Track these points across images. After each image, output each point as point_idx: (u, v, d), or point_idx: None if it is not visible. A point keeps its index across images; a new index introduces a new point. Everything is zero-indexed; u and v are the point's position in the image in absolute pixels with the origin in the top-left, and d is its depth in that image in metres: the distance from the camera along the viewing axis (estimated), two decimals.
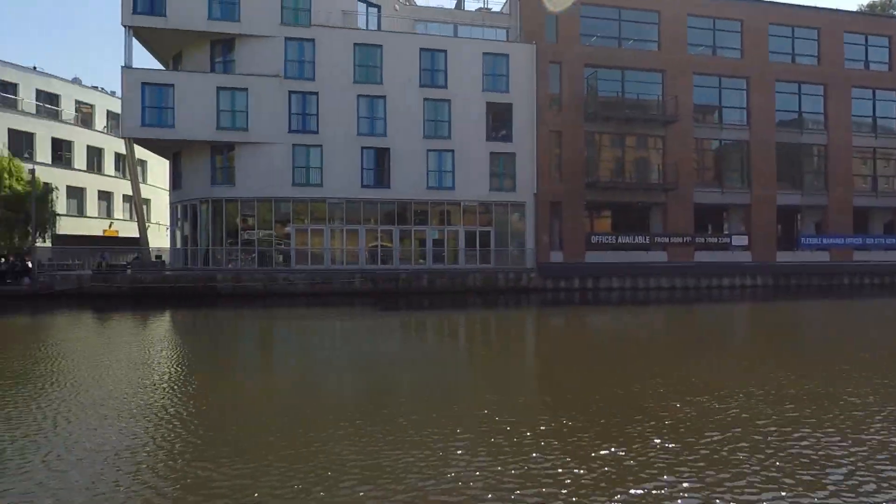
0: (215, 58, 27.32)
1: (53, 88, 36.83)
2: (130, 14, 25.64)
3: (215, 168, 27.44)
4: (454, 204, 29.08)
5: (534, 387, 9.51)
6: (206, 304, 22.85)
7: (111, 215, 40.28)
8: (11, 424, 6.93)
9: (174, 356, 12.95)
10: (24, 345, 14.32)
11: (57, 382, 9.53)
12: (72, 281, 25.40)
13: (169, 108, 26.09)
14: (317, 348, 14.30)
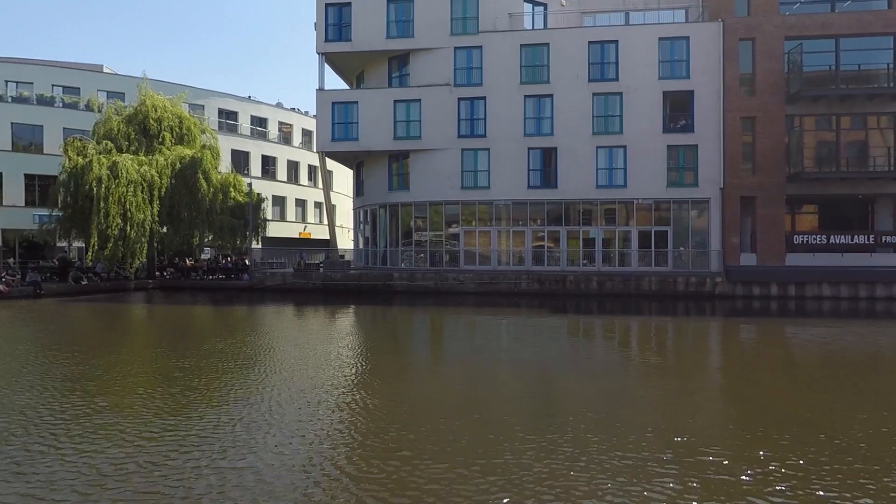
0: (392, 73, 29.44)
1: (262, 113, 43.13)
2: (323, 42, 28.87)
3: (392, 175, 29.57)
4: (626, 202, 27.46)
5: (730, 410, 8.39)
6: (384, 300, 24.71)
7: (305, 220, 45.85)
8: (238, 406, 8.12)
9: (363, 348, 14.13)
10: (246, 333, 16.89)
11: (271, 369, 11.01)
12: (278, 277, 29.42)
13: (354, 123, 28.79)
14: (490, 347, 14.50)
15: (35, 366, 11.20)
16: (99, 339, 16.04)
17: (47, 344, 14.63)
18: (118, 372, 10.65)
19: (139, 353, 13.36)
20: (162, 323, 19.95)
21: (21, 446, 6.24)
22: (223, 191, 30.34)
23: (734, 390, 9.72)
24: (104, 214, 25.53)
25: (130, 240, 26.53)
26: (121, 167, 26.00)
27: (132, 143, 28.67)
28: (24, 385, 9.42)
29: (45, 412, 7.67)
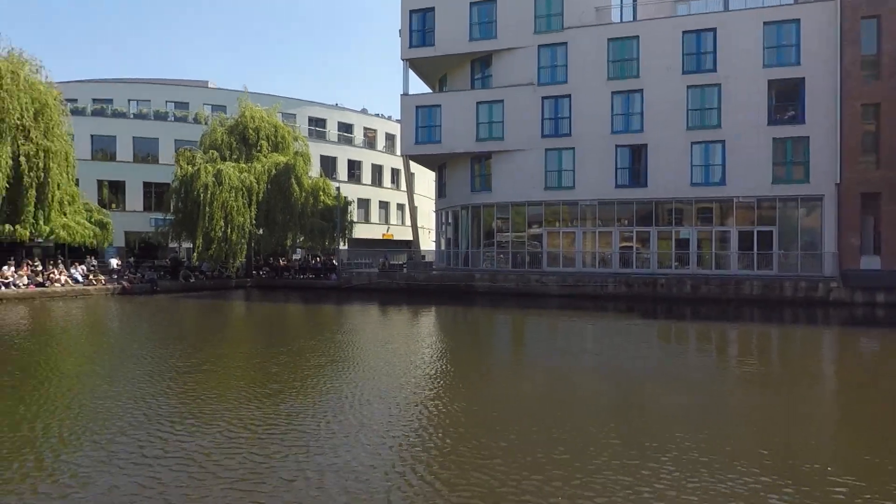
0: (475, 75, 29.48)
1: (348, 119, 44.82)
2: (407, 49, 29.49)
3: (474, 176, 29.60)
4: (724, 201, 25.67)
5: (858, 433, 7.48)
6: (466, 301, 24.76)
7: (388, 221, 47.06)
8: (330, 404, 8.40)
9: (446, 349, 14.20)
10: (335, 331, 17.57)
11: (359, 368, 11.31)
12: (364, 277, 30.38)
13: (437, 126, 29.14)
14: (575, 351, 14.06)
15: (153, 358, 12.24)
16: (205, 333, 17.36)
17: (163, 337, 16.03)
18: (223, 366, 11.41)
19: (240, 349, 14.25)
20: (259, 320, 21.23)
21: (145, 432, 6.80)
22: (314, 195, 31.82)
23: (858, 410, 8.70)
24: (209, 218, 27.62)
25: (232, 241, 28.50)
26: (224, 174, 28.02)
27: (233, 151, 30.81)
28: (144, 374, 10.35)
29: (163, 401, 8.33)
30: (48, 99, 26.86)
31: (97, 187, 35.21)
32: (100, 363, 12.09)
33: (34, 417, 7.56)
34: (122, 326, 19.21)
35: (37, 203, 26.08)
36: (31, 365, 11.89)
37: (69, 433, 6.86)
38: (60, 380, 10.35)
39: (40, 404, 8.29)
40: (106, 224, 30.13)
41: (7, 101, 24.54)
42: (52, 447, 6.38)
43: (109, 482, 5.33)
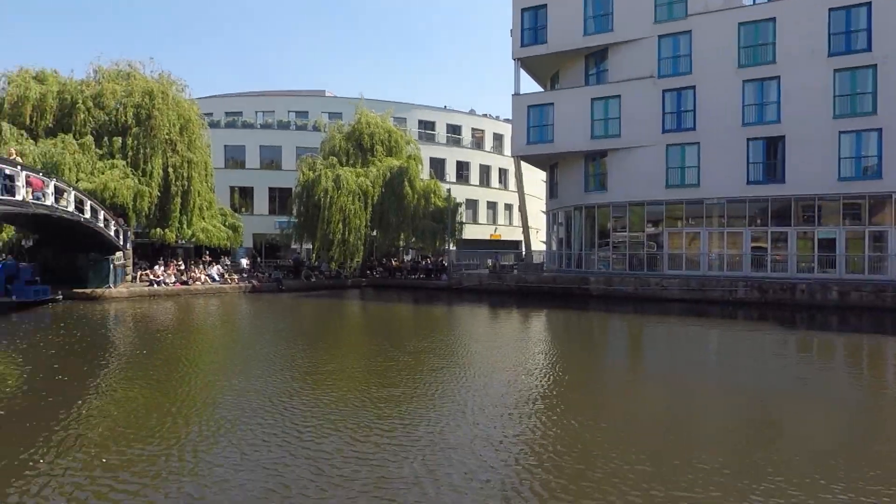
0: (589, 71, 28.50)
1: (456, 121, 45.32)
2: (519, 48, 29.16)
3: (588, 176, 28.63)
4: (881, 197, 22.72)
5: None
6: (579, 305, 23.98)
7: (495, 221, 46.98)
8: (444, 408, 8.43)
9: (559, 355, 13.80)
10: (446, 332, 17.78)
11: (471, 372, 11.28)
12: (474, 279, 30.52)
13: (549, 125, 28.54)
14: (702, 362, 13.09)
15: (282, 357, 13.11)
16: (327, 333, 18.40)
17: (290, 336, 17.16)
18: (344, 367, 11.92)
19: (359, 349, 14.87)
20: (375, 319, 22.03)
21: (274, 434, 7.15)
22: (425, 197, 32.51)
23: None
24: (328, 221, 29.16)
25: (349, 243, 29.91)
26: (342, 179, 29.44)
27: (350, 157, 32.29)
28: (274, 373, 11.09)
29: (290, 403, 8.76)
30: (191, 115, 29.78)
31: (229, 193, 38.47)
32: (235, 360, 13.03)
33: (177, 413, 8.29)
34: (253, 324, 20.78)
35: (181, 209, 29.00)
36: (177, 359, 13.16)
37: (208, 430, 7.38)
38: (200, 376, 11.30)
39: (182, 400, 9.12)
40: (237, 227, 32.87)
41: (159, 118, 27.55)
42: (192, 444, 6.86)
43: (243, 482, 5.63)
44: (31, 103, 25.84)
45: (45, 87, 26.67)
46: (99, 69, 28.72)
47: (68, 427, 7.53)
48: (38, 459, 6.30)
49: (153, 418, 7.88)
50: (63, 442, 6.90)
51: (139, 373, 11.20)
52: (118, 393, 9.64)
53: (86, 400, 9.20)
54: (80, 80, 28.21)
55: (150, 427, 7.43)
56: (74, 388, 9.94)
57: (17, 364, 12.36)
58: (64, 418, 7.92)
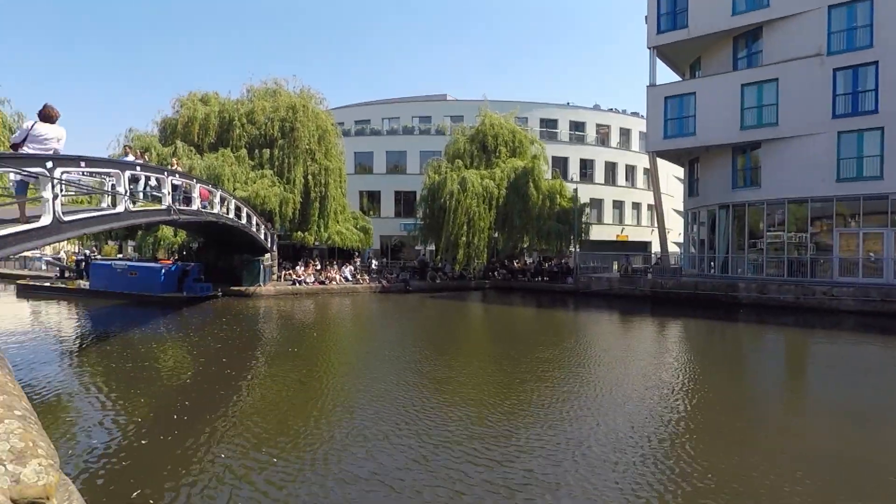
0: (738, 54, 25.71)
1: (580, 117, 43.60)
2: (655, 35, 27.14)
3: (736, 170, 25.86)
4: None
5: None
6: (725, 314, 21.62)
7: (622, 221, 44.51)
8: (572, 427, 7.78)
9: (703, 374, 12.20)
10: (574, 341, 16.83)
11: (601, 388, 10.41)
12: (603, 282, 28.99)
13: (689, 117, 26.21)
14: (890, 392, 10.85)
15: (411, 360, 13.22)
16: (452, 335, 18.43)
17: (417, 338, 17.36)
18: (470, 374, 11.72)
19: (484, 356, 14.51)
20: (500, 323, 21.62)
21: (403, 441, 7.06)
22: (550, 197, 31.57)
23: None
24: (454, 223, 29.36)
25: (474, 245, 29.89)
26: (468, 181, 29.50)
27: (474, 159, 32.30)
28: (404, 376, 11.17)
29: (417, 410, 8.73)
30: (328, 125, 31.62)
31: (359, 197, 40.42)
32: (368, 362, 13.31)
33: (319, 415, 8.60)
34: (385, 324, 21.40)
35: (319, 213, 30.91)
36: (318, 358, 13.83)
37: (344, 434, 7.52)
38: (336, 378, 11.62)
39: (323, 401, 9.47)
40: (368, 230, 34.35)
41: (301, 130, 29.58)
42: (334, 447, 7.03)
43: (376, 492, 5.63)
44: (198, 123, 29.06)
45: (209, 108, 29.85)
46: (251, 88, 31.59)
47: (232, 419, 8.31)
48: (208, 450, 6.87)
49: (298, 419, 8.40)
50: (221, 434, 7.56)
51: (287, 371, 12.03)
52: (270, 389, 10.43)
53: (246, 393, 10.10)
54: (236, 99, 31.21)
55: (296, 430, 7.85)
56: (238, 381, 10.95)
57: (193, 357, 13.75)
58: (228, 411, 8.77)
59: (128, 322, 19.53)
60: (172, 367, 12.72)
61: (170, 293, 24.45)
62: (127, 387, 10.31)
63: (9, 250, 8.89)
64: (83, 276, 28.38)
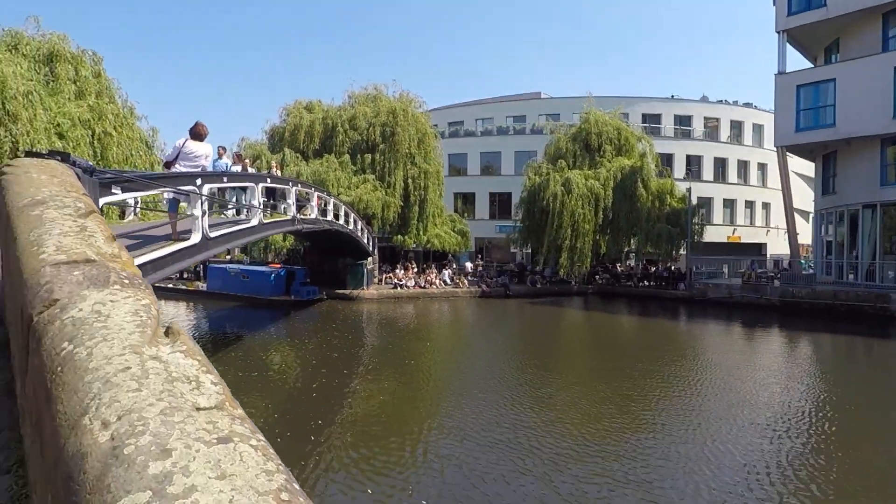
0: (889, 32, 22.67)
1: (686, 111, 40.81)
2: (785, 17, 24.59)
3: (885, 166, 22.84)
4: None
5: None
6: (873, 329, 19.06)
7: (733, 222, 41.19)
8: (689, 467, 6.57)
9: (856, 401, 10.49)
10: (690, 356, 15.39)
11: (723, 416, 9.26)
12: (721, 289, 26.74)
13: (827, 107, 23.49)
14: None
15: (516, 371, 12.86)
16: (557, 345, 17.74)
17: (518, 347, 16.78)
18: (577, 387, 11.24)
19: (592, 370, 13.69)
20: (607, 334, 20.46)
21: (519, 461, 6.14)
22: (659, 198, 29.67)
23: None
24: (558, 226, 28.28)
25: (578, 248, 28.65)
26: (572, 182, 28.31)
27: (577, 158, 31.00)
28: (510, 388, 10.85)
29: (526, 429, 8.28)
30: (427, 128, 31.62)
31: (453, 199, 40.23)
32: (477, 377, 12.82)
33: (429, 444, 8.15)
34: (488, 333, 20.87)
35: (418, 216, 30.99)
36: (429, 373, 13.49)
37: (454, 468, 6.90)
38: (448, 397, 11.16)
39: (436, 424, 9.14)
40: (465, 232, 34.02)
41: (401, 134, 29.75)
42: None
43: None
44: (303, 130, 30.04)
45: (313, 115, 30.78)
46: (352, 94, 32.25)
47: (347, 424, 8.51)
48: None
49: (401, 435, 8.33)
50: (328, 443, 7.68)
51: (393, 379, 12.09)
52: (377, 397, 10.55)
53: (356, 399, 10.26)
54: (338, 105, 31.98)
55: (398, 445, 7.80)
56: (352, 393, 11.00)
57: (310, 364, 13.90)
58: (342, 416, 9.01)
59: (243, 324, 20.45)
60: (296, 374, 13.00)
61: (278, 296, 25.35)
62: (259, 392, 10.54)
63: (166, 271, 9.00)
64: (201, 278, 30.19)
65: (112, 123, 19.72)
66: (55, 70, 19.23)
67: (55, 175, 3.80)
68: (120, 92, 21.74)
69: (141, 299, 1.61)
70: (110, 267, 2.02)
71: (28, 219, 2.61)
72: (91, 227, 2.54)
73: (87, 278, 1.87)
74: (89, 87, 20.02)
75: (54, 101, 17.54)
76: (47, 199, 2.96)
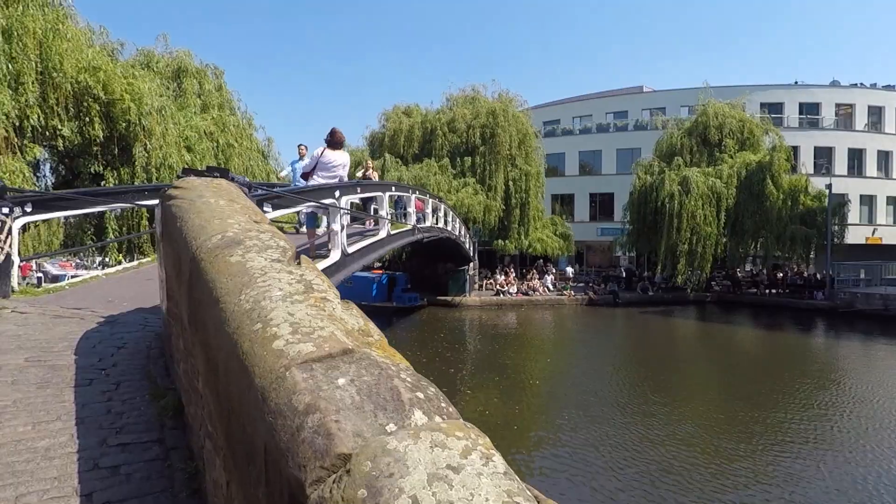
0: None
1: (813, 97, 36.63)
2: None
3: None
4: None
5: None
6: None
7: (872, 221, 36.43)
8: None
9: None
10: (840, 386, 13.02)
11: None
12: (875, 300, 23.36)
13: None
14: None
15: (637, 401, 11.37)
16: (677, 364, 15.79)
17: (641, 369, 15.06)
18: (703, 419, 9.78)
19: (725, 401, 11.72)
20: (734, 350, 18.33)
21: None
22: (791, 196, 26.54)
23: None
24: (675, 229, 26.03)
25: (697, 253, 26.26)
26: (691, 181, 25.98)
27: (693, 154, 28.51)
28: (632, 415, 9.39)
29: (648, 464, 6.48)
30: (528, 128, 30.42)
31: (550, 201, 38.65)
32: (603, 404, 11.49)
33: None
34: (601, 342, 19.36)
35: (519, 220, 29.84)
36: (551, 393, 12.21)
37: None
38: (580, 431, 9.94)
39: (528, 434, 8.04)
40: (568, 236, 32.44)
41: (501, 135, 28.73)
42: None
43: None
44: (402, 135, 29.84)
45: (412, 120, 30.52)
46: (450, 97, 31.69)
47: None
48: None
49: (503, 450, 7.26)
50: None
51: (499, 392, 11.36)
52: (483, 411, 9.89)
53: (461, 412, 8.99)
54: (437, 109, 31.54)
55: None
56: (453, 399, 9.98)
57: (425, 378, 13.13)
58: None
59: None
60: None
61: (380, 302, 25.12)
62: None
63: None
64: None
65: (233, 135, 20.30)
66: (182, 85, 20.06)
67: (233, 199, 3.06)
68: (239, 104, 22.45)
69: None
70: (380, 363, 1.27)
71: (229, 269, 1.81)
72: (315, 281, 1.73)
73: (364, 396, 1.14)
74: (212, 100, 20.75)
75: (183, 115, 18.16)
76: (241, 236, 2.15)
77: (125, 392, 3.24)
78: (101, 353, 3.96)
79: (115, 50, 17.59)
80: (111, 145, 14.90)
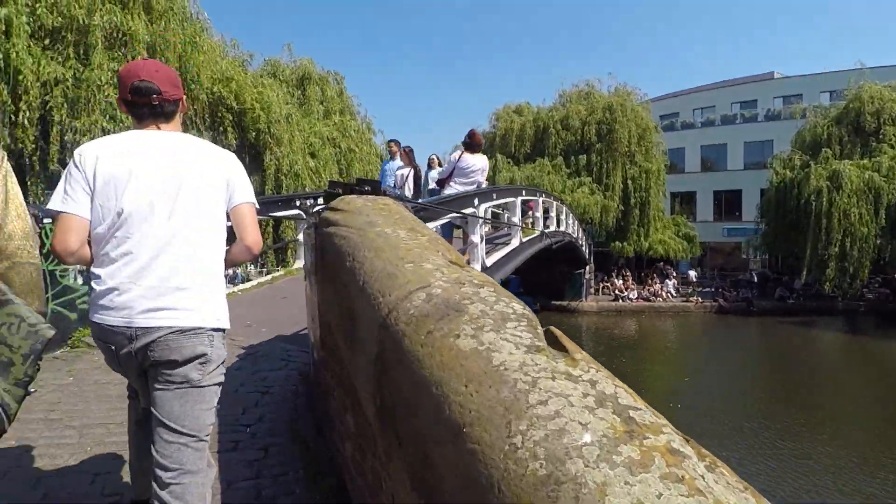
0: None
1: None
2: None
3: None
4: None
5: None
6: None
7: None
8: None
9: None
10: None
11: None
12: None
13: None
14: None
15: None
16: (823, 388, 13.58)
17: (775, 381, 13.04)
18: None
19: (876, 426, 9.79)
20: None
21: None
22: None
23: None
24: (825, 230, 23.23)
25: (850, 257, 23.24)
26: (843, 176, 23.04)
27: (844, 146, 25.29)
28: None
29: None
30: (647, 123, 28.72)
31: (670, 200, 36.27)
32: (725, 411, 9.99)
33: None
34: (738, 358, 17.48)
35: (639, 221, 28.23)
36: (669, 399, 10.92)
37: None
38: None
39: None
40: (692, 237, 30.27)
41: (619, 131, 27.33)
42: None
43: None
44: (514, 134, 29.41)
45: (523, 118, 29.99)
46: (563, 93, 30.72)
47: None
48: None
49: None
50: None
51: None
52: None
53: None
54: (549, 106, 30.74)
55: None
56: None
57: None
58: None
59: None
60: None
61: None
62: None
63: None
64: None
65: (354, 140, 20.91)
66: (306, 92, 20.95)
67: (413, 227, 2.15)
68: (359, 108, 23.15)
69: None
70: None
71: (463, 363, 1.12)
72: (622, 397, 1.00)
73: None
74: (334, 106, 21.54)
75: (307, 122, 18.97)
76: (455, 295, 1.39)
77: (274, 463, 2.69)
78: (245, 401, 3.44)
79: (245, 61, 18.54)
80: (243, 153, 15.62)
